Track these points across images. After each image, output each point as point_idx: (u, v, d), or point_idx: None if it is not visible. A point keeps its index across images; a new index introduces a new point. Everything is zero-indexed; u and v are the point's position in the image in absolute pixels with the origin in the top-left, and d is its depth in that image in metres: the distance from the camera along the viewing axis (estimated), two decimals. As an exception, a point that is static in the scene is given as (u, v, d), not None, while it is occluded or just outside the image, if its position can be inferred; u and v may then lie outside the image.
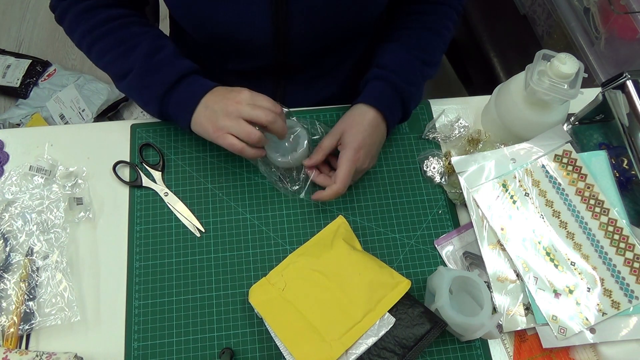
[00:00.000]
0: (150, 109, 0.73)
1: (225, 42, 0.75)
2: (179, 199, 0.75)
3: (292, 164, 0.74)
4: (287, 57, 0.77)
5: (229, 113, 0.66)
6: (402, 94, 0.74)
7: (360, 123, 0.72)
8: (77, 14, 0.72)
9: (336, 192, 0.70)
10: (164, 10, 0.79)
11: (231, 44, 0.75)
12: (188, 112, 0.69)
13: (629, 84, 0.70)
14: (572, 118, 0.79)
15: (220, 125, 0.66)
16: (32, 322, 0.66)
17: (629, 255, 0.70)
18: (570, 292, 0.69)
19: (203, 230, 0.74)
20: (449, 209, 0.78)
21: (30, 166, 0.74)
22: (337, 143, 0.73)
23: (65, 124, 1.61)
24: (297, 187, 0.76)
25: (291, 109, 0.77)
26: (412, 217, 0.77)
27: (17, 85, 1.69)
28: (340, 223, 0.73)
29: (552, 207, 0.73)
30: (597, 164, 0.75)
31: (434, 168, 0.79)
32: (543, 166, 0.75)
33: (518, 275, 0.70)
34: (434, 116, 0.84)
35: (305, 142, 0.74)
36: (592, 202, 0.73)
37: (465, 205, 0.75)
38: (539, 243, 0.71)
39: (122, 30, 0.72)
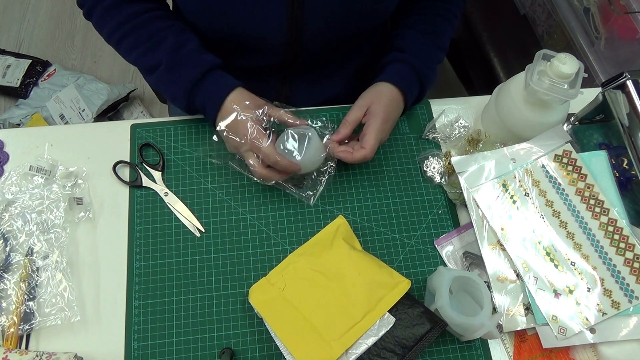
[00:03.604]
0: (178, 104, 0.74)
1: (239, 40, 0.75)
2: (179, 199, 0.75)
3: (306, 165, 0.72)
4: (298, 56, 0.78)
5: (241, 155, 0.71)
6: (420, 76, 0.77)
7: (387, 97, 0.74)
8: (103, 10, 0.73)
9: (364, 157, 0.71)
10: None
11: (244, 42, 0.75)
12: (213, 110, 0.71)
13: (629, 84, 0.70)
14: (572, 118, 0.79)
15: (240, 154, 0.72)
16: (32, 322, 0.66)
17: (629, 255, 0.70)
18: (570, 292, 0.69)
19: (203, 230, 0.74)
20: (449, 209, 0.78)
21: (30, 166, 0.74)
22: (363, 116, 0.74)
23: (65, 124, 1.61)
24: (311, 192, 0.76)
25: (297, 109, 0.78)
26: (412, 217, 0.77)
27: (17, 85, 1.69)
28: (340, 223, 0.73)
29: (552, 207, 0.73)
30: (597, 164, 0.75)
31: (434, 168, 0.79)
32: (543, 166, 0.75)
33: (518, 275, 0.70)
34: (434, 116, 0.84)
35: (316, 143, 0.72)
36: (592, 202, 0.73)
37: (465, 205, 0.75)
38: (539, 243, 0.71)
39: (148, 26, 0.73)
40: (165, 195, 0.75)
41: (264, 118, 0.71)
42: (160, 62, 0.72)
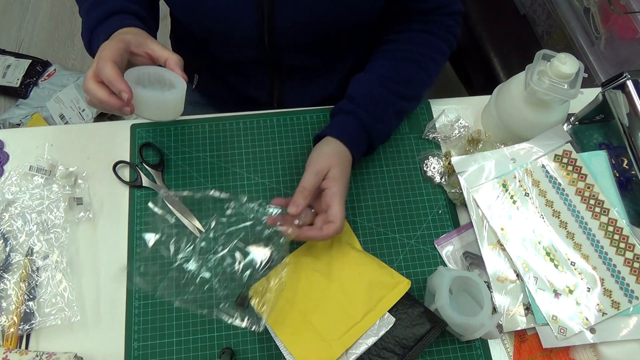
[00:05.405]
0: (86, 49, 0.70)
1: (213, 32, 0.75)
2: (179, 199, 0.75)
3: (146, 107, 0.63)
4: (275, 51, 0.77)
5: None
6: (368, 131, 0.72)
7: (341, 157, 0.69)
8: None
9: (336, 231, 0.64)
10: (164, 10, 0.79)
11: (219, 34, 0.76)
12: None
13: (629, 84, 0.70)
14: (572, 118, 0.79)
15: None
16: (32, 322, 0.66)
17: (629, 255, 0.70)
18: (570, 292, 0.69)
19: (203, 230, 0.74)
20: (449, 209, 0.77)
21: (30, 166, 0.74)
22: (321, 182, 0.67)
23: (65, 124, 1.61)
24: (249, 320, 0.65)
25: (288, 109, 0.77)
26: (412, 217, 0.77)
27: (17, 85, 1.69)
28: (340, 223, 0.73)
29: (552, 207, 0.73)
30: (597, 164, 0.75)
31: (434, 168, 0.79)
32: (543, 166, 0.75)
33: (518, 275, 0.70)
34: (434, 116, 0.84)
35: (174, 95, 0.63)
36: (592, 202, 0.73)
37: (465, 205, 0.75)
38: (539, 243, 0.71)
39: None
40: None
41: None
42: (84, 2, 0.70)
